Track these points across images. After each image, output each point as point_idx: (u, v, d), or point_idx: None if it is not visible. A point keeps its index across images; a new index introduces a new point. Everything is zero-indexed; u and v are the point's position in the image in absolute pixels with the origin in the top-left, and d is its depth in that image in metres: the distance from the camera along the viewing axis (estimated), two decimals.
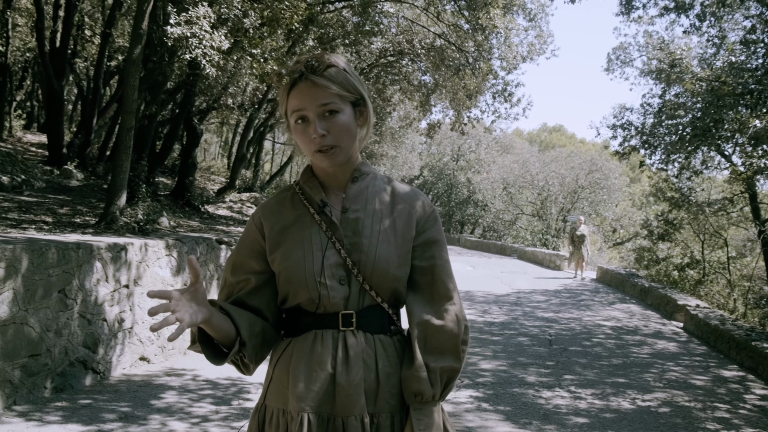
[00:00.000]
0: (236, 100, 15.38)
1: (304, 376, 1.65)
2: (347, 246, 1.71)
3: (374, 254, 1.70)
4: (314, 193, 1.77)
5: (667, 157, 12.58)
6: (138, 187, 8.63)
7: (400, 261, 1.74)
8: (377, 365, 1.69)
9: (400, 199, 1.82)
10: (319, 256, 1.69)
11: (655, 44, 13.87)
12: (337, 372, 1.65)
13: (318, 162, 1.73)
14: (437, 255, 1.80)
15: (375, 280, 1.70)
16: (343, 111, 1.70)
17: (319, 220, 1.74)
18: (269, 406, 1.73)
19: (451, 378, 1.73)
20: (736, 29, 12.16)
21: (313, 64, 1.68)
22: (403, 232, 1.76)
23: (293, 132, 1.72)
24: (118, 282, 5.95)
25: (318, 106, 1.66)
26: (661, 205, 17.42)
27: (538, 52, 15.68)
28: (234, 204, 13.94)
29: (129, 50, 7.28)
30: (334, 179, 1.79)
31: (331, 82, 1.68)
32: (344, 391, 1.64)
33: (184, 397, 5.46)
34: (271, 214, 1.79)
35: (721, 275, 16.47)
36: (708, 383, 7.03)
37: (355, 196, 1.78)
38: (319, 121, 1.67)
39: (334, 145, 1.68)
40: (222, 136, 34.48)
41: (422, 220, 1.81)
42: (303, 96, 1.66)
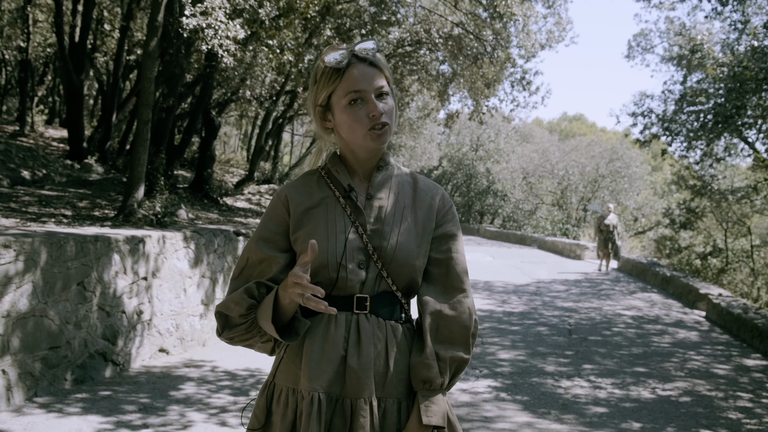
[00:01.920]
0: (254, 93, 15.40)
1: (317, 356, 1.67)
2: (369, 232, 1.75)
3: (395, 242, 1.74)
4: (342, 177, 1.80)
5: (689, 144, 12.42)
6: (156, 179, 8.68)
7: (420, 252, 1.77)
8: (387, 350, 1.71)
9: (422, 191, 1.86)
10: (342, 239, 1.72)
11: (676, 30, 13.66)
12: (349, 354, 1.68)
13: (369, 141, 1.74)
14: (453, 248, 1.84)
15: (393, 268, 1.73)
16: (391, 94, 1.76)
17: (344, 203, 1.77)
18: (278, 384, 1.75)
19: (459, 368, 1.76)
20: (760, 13, 11.94)
21: (368, 47, 1.73)
22: (424, 224, 1.81)
23: (344, 113, 1.73)
24: (136, 274, 5.99)
25: (376, 87, 1.71)
26: (683, 194, 17.25)
27: (557, 40, 15.51)
28: (252, 196, 13.99)
29: (145, 43, 7.30)
30: (361, 166, 1.82)
31: (384, 67, 1.76)
32: (354, 373, 1.66)
33: (202, 388, 5.49)
34: (297, 194, 1.81)
35: (744, 263, 16.29)
36: (730, 372, 6.95)
37: (380, 185, 1.81)
38: (377, 101, 1.71)
39: (387, 123, 1.73)
40: (241, 129, 34.60)
41: (440, 214, 1.85)
42: (363, 77, 1.70)
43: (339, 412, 1.67)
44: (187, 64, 9.35)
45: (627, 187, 31.88)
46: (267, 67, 8.58)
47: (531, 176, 34.72)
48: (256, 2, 7.46)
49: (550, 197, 35.07)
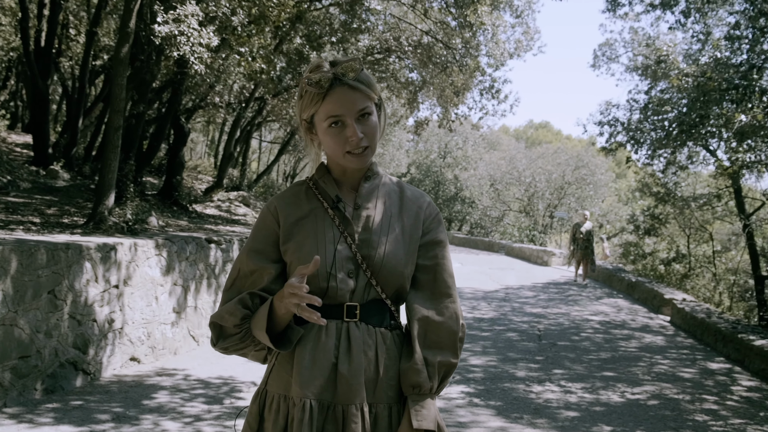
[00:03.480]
0: (223, 99, 15.31)
1: (308, 363, 1.70)
2: (358, 241, 1.77)
3: (383, 251, 1.76)
4: (329, 188, 1.83)
5: (653, 152, 12.66)
6: (126, 186, 8.59)
7: (407, 259, 1.80)
8: (377, 357, 1.74)
9: (408, 200, 1.89)
10: (332, 249, 1.74)
11: (640, 40, 13.97)
12: (340, 361, 1.70)
13: (347, 163, 1.78)
14: (440, 255, 1.87)
15: (382, 276, 1.76)
16: (373, 113, 1.77)
17: (332, 214, 1.79)
18: (270, 391, 1.77)
19: (447, 372, 1.79)
20: (721, 25, 12.26)
21: (352, 70, 1.73)
22: (410, 232, 1.83)
23: (325, 134, 1.76)
24: (107, 282, 5.93)
25: (356, 111, 1.72)
26: (647, 200, 17.53)
27: (525, 49, 15.74)
28: (222, 203, 13.90)
29: (116, 49, 7.24)
30: (348, 177, 1.85)
31: (366, 87, 1.75)
32: (345, 380, 1.69)
33: (176, 397, 5.45)
34: (287, 206, 1.84)
35: (706, 269, 16.62)
36: (695, 376, 7.11)
37: (367, 194, 1.84)
38: (357, 124, 1.73)
39: (368, 146, 1.75)
40: (208, 135, 34.32)
41: (427, 222, 1.88)
42: (342, 101, 1.72)
43: (331, 418, 1.69)
44: (157, 70, 9.27)
45: (592, 194, 32.36)
46: (238, 74, 8.54)
47: (498, 183, 35.02)
48: (228, 9, 7.46)
49: (517, 204, 35.42)
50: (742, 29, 10.18)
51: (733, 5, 11.28)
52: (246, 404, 5.31)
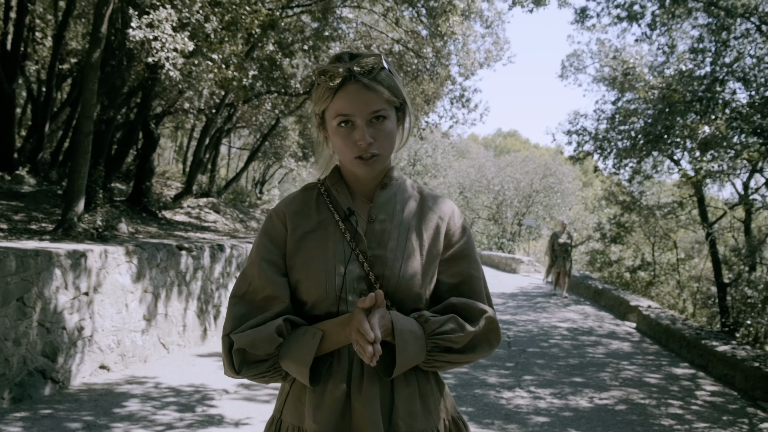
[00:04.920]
0: (193, 105, 15.22)
1: (321, 395, 1.56)
2: (370, 258, 1.60)
3: (399, 270, 1.60)
4: (341, 198, 1.67)
5: (620, 161, 12.91)
6: (95, 192, 8.50)
7: (425, 278, 1.63)
8: (393, 383, 1.58)
9: (429, 209, 1.70)
10: (341, 270, 1.58)
11: (607, 52, 14.24)
12: (352, 390, 1.56)
13: (355, 169, 1.62)
14: (465, 272, 1.68)
15: (397, 296, 1.59)
16: (389, 118, 1.60)
17: (343, 228, 1.63)
18: (285, 421, 1.64)
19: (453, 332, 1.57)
20: (685, 38, 12.57)
21: (367, 67, 1.57)
22: (429, 248, 1.65)
23: (334, 134, 1.60)
24: (77, 289, 5.87)
25: (369, 112, 1.56)
26: (614, 209, 17.83)
27: (495, 59, 15.94)
28: (192, 210, 13.80)
29: (87, 54, 7.18)
30: (363, 184, 1.68)
31: (383, 87, 1.58)
32: (359, 410, 1.54)
33: (147, 405, 5.41)
34: (295, 215, 1.67)
35: (670, 276, 16.96)
36: (661, 381, 7.26)
37: (383, 205, 1.67)
38: (367, 128, 1.57)
39: (378, 153, 1.59)
40: (176, 141, 34.01)
41: (451, 233, 1.69)
42: (354, 100, 1.56)
43: None
44: (129, 75, 9.21)
45: (560, 202, 32.81)
46: (210, 81, 8.51)
47: (467, 191, 35.32)
48: (202, 16, 7.44)
49: (486, 212, 35.74)
50: (706, 42, 10.46)
51: (697, 19, 11.58)
52: (218, 412, 5.30)
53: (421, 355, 1.55)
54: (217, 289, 8.49)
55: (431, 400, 1.64)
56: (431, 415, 1.63)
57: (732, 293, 11.44)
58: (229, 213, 15.15)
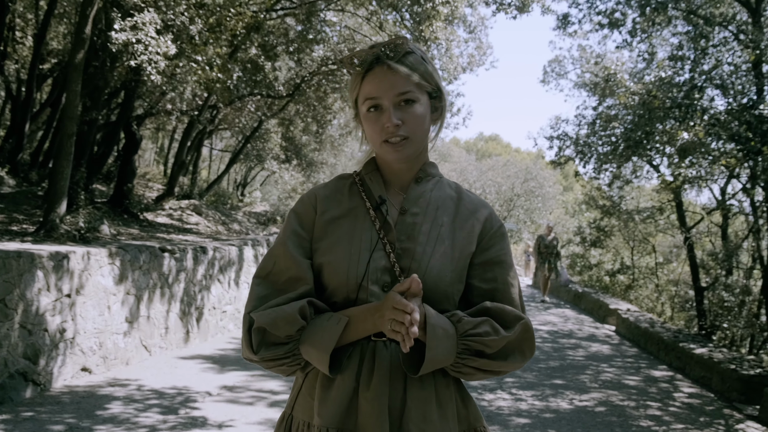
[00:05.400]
0: (176, 106, 15.16)
1: (328, 389, 1.52)
2: (398, 250, 1.56)
3: (426, 264, 1.55)
4: (374, 186, 1.64)
5: (600, 166, 13.04)
6: (77, 194, 8.45)
7: (454, 277, 1.57)
8: (405, 383, 1.52)
9: (465, 208, 1.66)
10: (366, 257, 1.54)
11: (588, 58, 14.41)
12: (361, 386, 1.51)
13: (384, 154, 1.60)
14: (500, 278, 1.62)
15: (423, 293, 1.50)
16: (419, 101, 1.57)
17: (373, 216, 1.59)
18: (296, 417, 1.61)
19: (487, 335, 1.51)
20: (665, 45, 12.75)
21: (393, 49, 1.56)
22: (462, 246, 1.60)
23: (364, 120, 1.60)
24: (60, 291, 5.84)
25: (395, 94, 1.55)
26: (594, 213, 17.97)
27: (478, 64, 16.06)
28: (174, 211, 13.73)
29: (71, 55, 7.16)
30: (397, 176, 1.65)
31: (410, 70, 1.56)
32: (365, 408, 1.49)
33: (129, 407, 5.40)
34: (326, 199, 1.64)
35: (649, 280, 17.13)
36: (640, 383, 7.36)
37: (416, 198, 1.63)
38: (395, 111, 1.55)
39: (406, 136, 1.56)
40: (157, 142, 33.81)
41: (486, 236, 1.64)
42: (380, 82, 1.55)
43: None
44: (111, 77, 9.17)
45: (540, 206, 33.06)
46: (195, 83, 8.51)
47: None
48: (187, 18, 7.44)
49: None
50: (685, 50, 10.62)
51: (677, 27, 11.75)
52: (201, 414, 5.31)
53: (451, 356, 1.49)
54: (200, 292, 8.48)
55: (449, 407, 1.56)
56: (448, 423, 1.55)
57: (709, 297, 11.58)
58: (211, 215, 15.11)
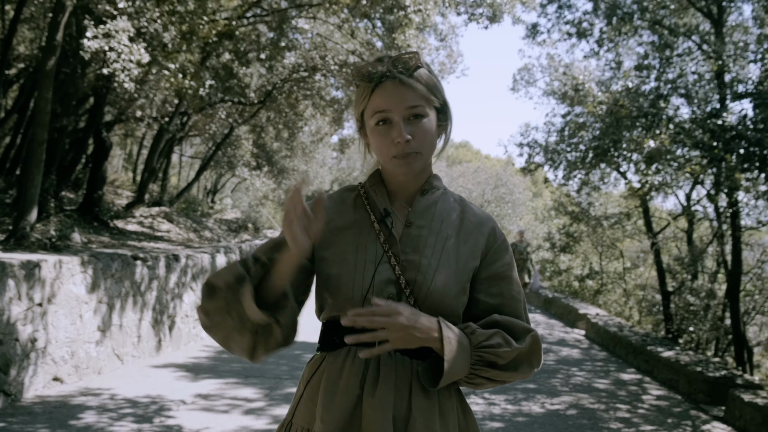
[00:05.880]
0: (146, 113, 15.06)
1: (331, 395, 1.52)
2: (403, 263, 1.57)
3: (432, 277, 1.56)
4: (379, 199, 1.64)
5: (569, 173, 13.23)
6: (47, 202, 8.36)
7: (458, 289, 1.58)
8: (411, 392, 1.52)
9: (470, 222, 1.67)
10: (371, 270, 1.55)
11: (557, 67, 14.62)
12: (365, 394, 1.51)
13: (394, 168, 1.59)
14: (506, 293, 1.64)
15: (427, 305, 1.54)
16: (428, 116, 1.58)
17: (378, 229, 1.60)
18: (295, 423, 1.60)
19: (500, 346, 1.54)
20: (631, 54, 13.02)
21: (404, 63, 1.57)
22: (466, 260, 1.61)
23: (372, 134, 1.59)
24: (31, 300, 5.79)
25: (405, 108, 1.55)
26: (563, 219, 18.21)
27: (449, 71, 16.17)
28: (144, 219, 13.62)
29: (41, 62, 7.10)
30: (403, 189, 1.65)
31: (420, 84, 1.57)
32: (369, 416, 1.49)
33: (103, 417, 5.37)
34: (331, 209, 1.64)
35: (617, 285, 17.40)
36: (609, 386, 7.50)
37: (421, 211, 1.63)
38: (405, 125, 1.54)
39: (417, 151, 1.56)
40: (126, 149, 33.46)
41: (490, 251, 1.65)
42: (390, 96, 1.54)
43: None
44: (83, 83, 9.09)
45: (511, 213, 33.34)
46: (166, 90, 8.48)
47: None
48: (160, 25, 7.42)
49: None
50: (651, 59, 10.87)
51: (642, 36, 12.02)
52: (176, 422, 5.29)
53: (466, 367, 1.52)
54: (173, 300, 8.44)
55: (451, 418, 1.57)
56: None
57: (675, 301, 11.83)
58: (182, 222, 15.01)
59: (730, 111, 8.50)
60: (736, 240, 9.70)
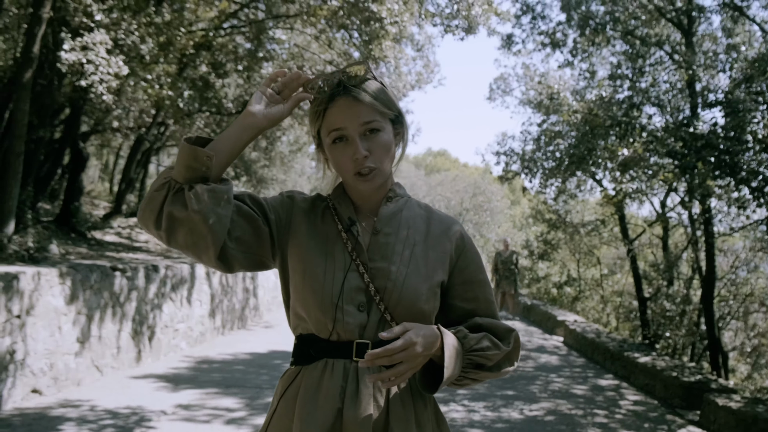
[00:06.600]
0: (123, 123, 14.99)
1: (311, 408, 1.51)
2: (372, 270, 1.57)
3: (401, 283, 1.57)
4: (343, 210, 1.65)
5: (545, 181, 13.39)
6: (24, 213, 8.31)
7: (429, 295, 1.60)
8: (389, 403, 1.54)
9: (436, 227, 1.68)
10: (340, 278, 1.56)
11: (532, 76, 14.82)
12: (345, 406, 1.50)
13: (356, 185, 1.60)
14: (480, 296, 1.69)
15: (399, 311, 1.55)
16: (384, 129, 1.58)
17: (345, 238, 1.60)
18: None
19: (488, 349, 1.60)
20: (605, 64, 13.23)
21: (355, 77, 1.55)
22: (434, 266, 1.63)
23: (330, 151, 1.60)
24: (9, 312, 5.76)
25: (360, 124, 1.54)
26: (541, 227, 18.37)
27: (426, 81, 16.32)
28: (122, 230, 13.54)
29: (17, 74, 7.08)
30: (366, 199, 1.66)
31: (373, 99, 1.56)
32: (351, 428, 1.49)
33: (83, 428, 5.35)
34: (303, 211, 1.67)
35: (595, 291, 17.59)
36: (587, 392, 7.60)
37: (387, 218, 1.64)
38: (361, 141, 1.54)
39: (375, 167, 1.56)
40: (102, 159, 33.19)
41: (461, 255, 1.68)
42: (345, 113, 1.54)
43: None
44: (60, 95, 9.06)
45: (489, 220, 33.59)
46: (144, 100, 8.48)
47: None
48: (138, 37, 7.44)
49: None
50: (623, 69, 11.06)
51: (615, 47, 12.23)
52: None
53: (458, 371, 1.55)
54: (152, 310, 8.41)
55: (428, 428, 1.60)
56: None
57: (652, 307, 12.00)
58: None
59: (701, 119, 8.68)
60: (710, 246, 9.87)
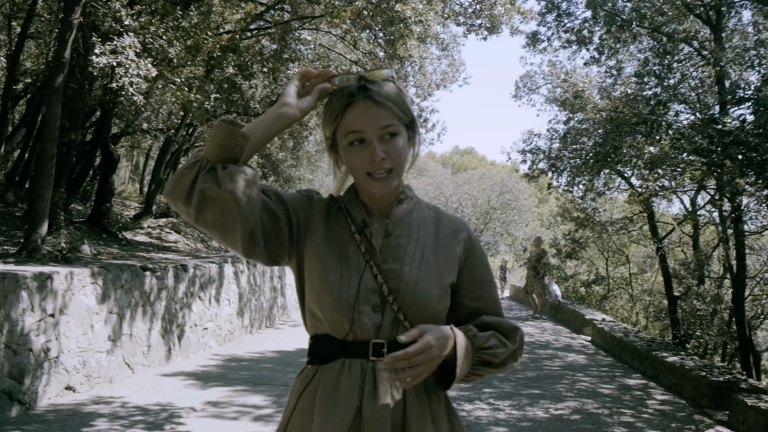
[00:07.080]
0: (152, 125, 15.23)
1: (330, 407, 1.54)
2: (385, 272, 1.61)
3: (414, 284, 1.61)
4: (356, 212, 1.68)
5: (573, 179, 13.31)
6: (57, 215, 8.50)
7: (441, 294, 1.64)
8: (405, 401, 1.58)
9: (445, 229, 1.72)
10: (356, 279, 1.59)
11: (558, 74, 14.75)
12: (364, 405, 1.54)
13: (369, 186, 1.63)
14: (487, 296, 1.74)
15: (412, 311, 1.59)
16: (401, 134, 1.61)
17: (358, 240, 1.64)
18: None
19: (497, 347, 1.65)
20: (632, 60, 13.11)
21: (374, 82, 1.60)
22: (445, 266, 1.67)
23: (345, 152, 1.62)
24: (44, 311, 5.91)
25: (380, 128, 1.57)
26: (568, 225, 18.26)
27: (451, 80, 16.36)
28: (152, 230, 13.77)
29: (50, 79, 7.25)
30: (378, 202, 1.69)
31: (392, 103, 1.59)
32: (370, 425, 1.52)
33: (115, 424, 5.47)
34: (320, 212, 1.70)
35: (624, 290, 17.45)
36: (614, 391, 7.56)
37: (399, 220, 1.68)
38: (379, 144, 1.58)
39: (391, 168, 1.60)
40: (132, 160, 33.69)
41: (469, 256, 1.72)
42: (364, 116, 1.57)
43: None
44: (90, 98, 9.25)
45: (516, 219, 33.42)
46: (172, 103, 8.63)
47: None
48: (165, 42, 7.57)
49: None
50: (651, 66, 10.96)
51: (642, 43, 12.12)
52: (187, 429, 5.39)
53: (468, 369, 1.60)
54: (181, 309, 8.55)
55: (443, 424, 1.64)
56: None
57: (682, 306, 11.88)
58: (189, 233, 15.14)
59: (730, 116, 8.56)
60: (740, 245, 9.73)
